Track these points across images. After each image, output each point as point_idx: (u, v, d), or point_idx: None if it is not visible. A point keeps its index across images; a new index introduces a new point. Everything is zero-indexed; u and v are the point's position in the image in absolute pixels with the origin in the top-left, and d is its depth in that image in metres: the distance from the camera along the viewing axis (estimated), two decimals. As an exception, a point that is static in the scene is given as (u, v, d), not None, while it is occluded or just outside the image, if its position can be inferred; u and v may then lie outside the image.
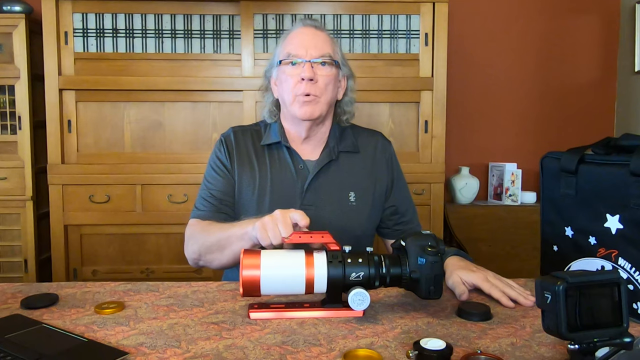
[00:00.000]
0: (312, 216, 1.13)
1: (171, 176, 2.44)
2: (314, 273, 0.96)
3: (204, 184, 1.37)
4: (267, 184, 1.32)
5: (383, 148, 1.42)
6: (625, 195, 0.99)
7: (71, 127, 2.44)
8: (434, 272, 0.95)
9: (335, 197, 1.33)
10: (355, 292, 0.94)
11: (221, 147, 1.38)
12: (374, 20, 2.49)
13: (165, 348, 0.85)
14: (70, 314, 1.00)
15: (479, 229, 2.82)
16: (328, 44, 1.31)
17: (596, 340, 0.68)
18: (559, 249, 1.16)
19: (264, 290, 0.96)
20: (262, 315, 0.98)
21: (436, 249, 0.96)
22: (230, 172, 1.35)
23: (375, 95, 2.49)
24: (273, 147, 1.36)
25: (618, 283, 0.69)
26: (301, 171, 1.33)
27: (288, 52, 1.29)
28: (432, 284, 0.95)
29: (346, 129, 1.41)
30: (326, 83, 1.28)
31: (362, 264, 0.97)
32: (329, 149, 1.35)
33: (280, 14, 2.47)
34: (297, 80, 1.27)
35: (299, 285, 0.96)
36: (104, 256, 2.48)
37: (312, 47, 1.28)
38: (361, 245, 1.07)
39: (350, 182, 1.35)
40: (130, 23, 2.44)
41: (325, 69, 1.28)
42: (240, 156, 1.36)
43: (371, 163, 1.39)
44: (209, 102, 2.48)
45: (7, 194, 2.48)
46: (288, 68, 1.29)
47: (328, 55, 1.29)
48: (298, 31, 1.32)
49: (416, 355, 0.78)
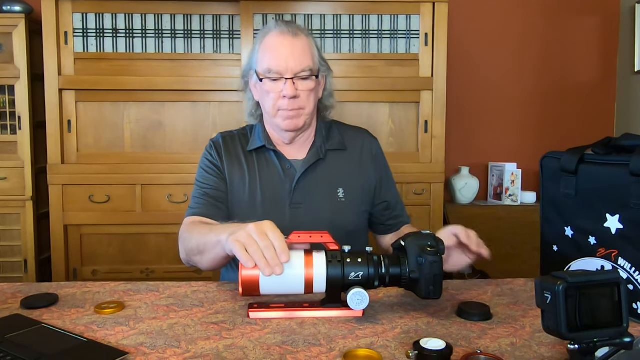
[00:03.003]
0: (302, 214, 1.14)
1: (171, 176, 2.44)
2: (313, 273, 0.95)
3: (196, 186, 1.37)
4: (257, 185, 1.33)
5: (369, 145, 1.43)
6: (625, 195, 0.99)
7: (71, 127, 2.44)
8: (433, 272, 0.95)
9: (323, 195, 1.33)
10: (354, 292, 0.94)
11: (211, 150, 1.38)
12: (373, 20, 2.49)
13: (165, 348, 0.85)
14: (70, 314, 1.00)
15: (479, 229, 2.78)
16: (307, 54, 1.28)
17: (596, 340, 0.68)
18: (559, 249, 1.16)
19: (263, 290, 0.96)
20: (261, 315, 0.98)
21: (436, 248, 0.96)
22: (222, 172, 1.36)
23: (375, 95, 2.49)
24: (259, 150, 1.37)
25: (618, 283, 0.69)
26: (289, 171, 1.34)
27: (268, 67, 1.26)
28: (431, 284, 0.95)
29: (332, 127, 1.42)
30: (308, 95, 1.29)
31: (362, 263, 0.97)
32: (316, 148, 1.36)
33: (280, 14, 2.46)
34: (279, 96, 1.27)
35: (298, 285, 0.96)
36: (104, 256, 2.48)
37: (292, 61, 1.25)
38: (355, 242, 1.08)
39: (339, 179, 1.35)
40: (130, 23, 2.44)
41: (306, 82, 1.28)
42: (230, 159, 1.37)
43: (358, 159, 1.40)
44: (209, 102, 2.48)
45: (7, 194, 2.48)
46: (268, 83, 1.27)
47: (309, 69, 1.27)
48: (276, 41, 1.27)
49: (416, 355, 0.78)
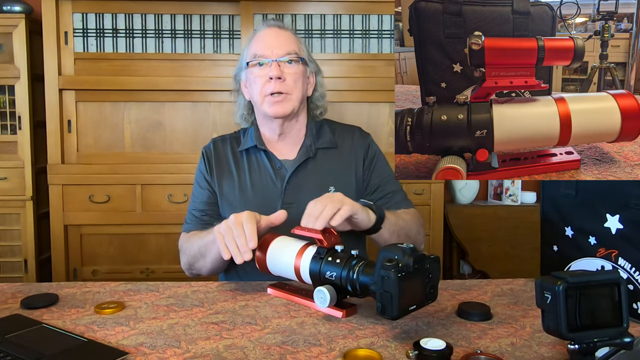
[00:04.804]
0: (294, 213, 1.14)
1: (171, 176, 2.44)
2: (300, 264, 1.02)
3: (191, 198, 1.43)
4: (247, 187, 1.35)
5: (360, 140, 1.43)
6: (625, 195, 0.99)
7: (71, 127, 2.44)
8: (384, 288, 0.84)
9: (315, 193, 1.33)
10: (317, 289, 0.98)
11: (202, 160, 1.41)
12: (373, 20, 2.49)
13: (165, 348, 0.85)
14: (70, 314, 1.00)
15: (479, 229, 2.82)
16: (293, 42, 1.33)
17: (596, 340, 0.68)
18: (559, 249, 1.16)
19: (272, 271, 1.09)
20: (277, 294, 1.10)
21: (393, 263, 0.85)
22: (210, 185, 1.39)
23: (375, 95, 2.49)
24: (250, 151, 1.39)
25: (618, 283, 0.69)
26: (279, 171, 1.35)
27: (254, 54, 1.31)
28: (380, 301, 0.85)
29: (323, 125, 1.43)
30: (294, 80, 1.30)
31: (338, 264, 0.97)
32: (306, 147, 1.37)
33: (280, 14, 2.47)
34: (266, 80, 1.29)
35: (290, 272, 1.05)
36: (104, 256, 2.48)
37: (277, 47, 1.30)
38: (348, 239, 1.11)
39: (330, 177, 1.36)
40: (130, 23, 2.44)
41: (292, 66, 1.30)
42: (220, 165, 1.39)
43: (349, 156, 1.40)
44: (209, 102, 2.48)
45: (7, 194, 2.48)
46: (256, 69, 1.31)
47: (294, 53, 1.31)
48: (263, 32, 1.34)
49: (416, 355, 0.78)
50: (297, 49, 1.32)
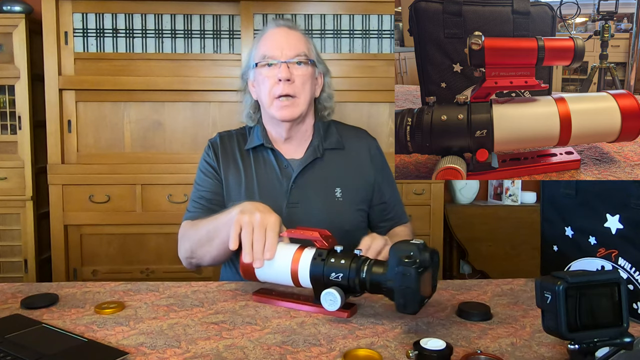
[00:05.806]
0: (299, 213, 1.14)
1: (171, 176, 2.44)
2: (298, 268, 0.99)
3: (195, 188, 1.39)
4: (254, 184, 1.34)
5: (368, 145, 1.43)
6: (625, 195, 0.99)
7: (71, 127, 2.44)
8: (405, 284, 0.87)
9: (321, 194, 1.33)
10: (326, 292, 0.95)
11: (209, 151, 1.40)
12: (373, 20, 2.49)
13: (165, 348, 0.85)
14: (70, 314, 1.00)
15: (479, 229, 2.82)
16: (302, 43, 1.31)
17: (596, 340, 0.68)
18: (559, 249, 1.16)
19: (260, 277, 1.04)
20: (262, 300, 1.06)
21: (413, 259, 0.88)
22: (218, 174, 1.37)
23: (375, 95, 2.49)
24: (257, 149, 1.38)
25: (618, 283, 0.70)
26: (285, 170, 1.34)
27: (263, 54, 1.29)
28: (402, 297, 0.87)
29: (330, 126, 1.42)
30: (303, 82, 1.29)
31: (344, 265, 0.96)
32: (313, 147, 1.36)
33: (280, 14, 2.46)
34: (275, 82, 1.28)
35: (286, 277, 1.01)
36: (104, 256, 2.48)
37: (286, 47, 1.28)
38: (352, 241, 1.09)
39: (336, 178, 1.35)
40: (130, 23, 2.44)
41: (301, 68, 1.29)
42: (227, 159, 1.37)
43: (356, 159, 1.39)
44: (209, 102, 2.48)
45: (7, 194, 2.48)
46: (264, 70, 1.29)
47: (303, 54, 1.29)
48: (272, 32, 1.32)
49: (416, 355, 0.78)
50: (307, 50, 1.31)
